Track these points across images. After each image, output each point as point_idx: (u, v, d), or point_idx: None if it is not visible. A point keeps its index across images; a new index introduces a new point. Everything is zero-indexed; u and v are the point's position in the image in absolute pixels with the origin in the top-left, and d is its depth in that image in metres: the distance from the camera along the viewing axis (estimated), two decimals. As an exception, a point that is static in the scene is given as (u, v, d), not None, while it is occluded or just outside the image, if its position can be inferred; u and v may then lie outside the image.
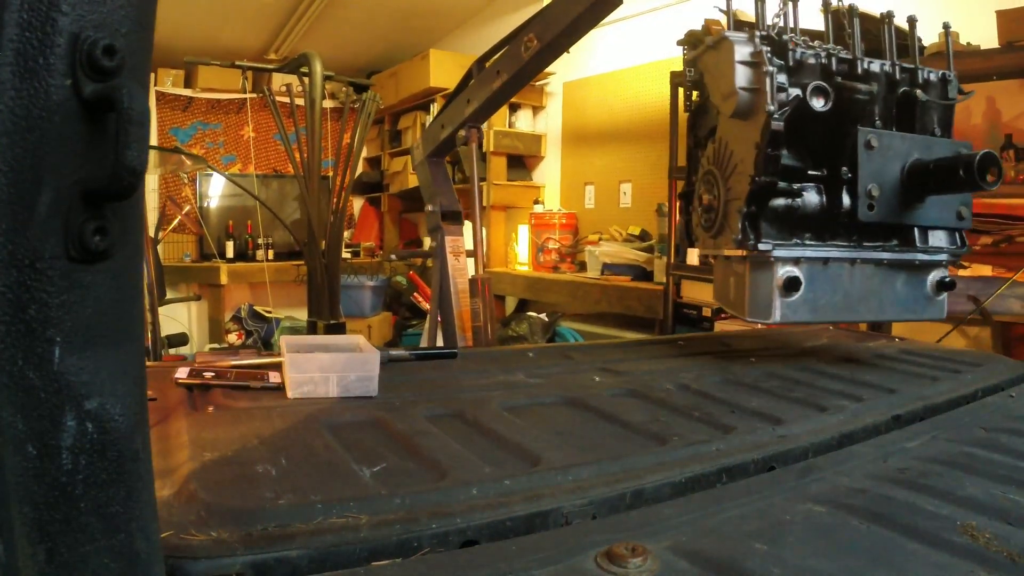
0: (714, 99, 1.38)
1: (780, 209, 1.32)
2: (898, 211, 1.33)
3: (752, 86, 1.26)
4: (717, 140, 1.40)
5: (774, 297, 1.30)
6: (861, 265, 1.36)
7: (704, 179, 1.44)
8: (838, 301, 1.35)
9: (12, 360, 0.39)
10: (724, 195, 1.36)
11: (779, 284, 1.29)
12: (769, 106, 1.23)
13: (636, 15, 4.81)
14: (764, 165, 1.26)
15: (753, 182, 1.27)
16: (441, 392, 1.18)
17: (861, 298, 1.37)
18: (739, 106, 1.28)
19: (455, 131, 2.40)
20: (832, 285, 1.34)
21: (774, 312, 1.30)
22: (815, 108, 1.26)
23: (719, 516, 0.71)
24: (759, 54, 1.26)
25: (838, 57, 1.34)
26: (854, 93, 1.33)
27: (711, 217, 1.40)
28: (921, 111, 1.39)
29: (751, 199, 1.29)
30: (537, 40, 1.96)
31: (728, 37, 1.30)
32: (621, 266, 4.68)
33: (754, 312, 1.32)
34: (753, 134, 1.27)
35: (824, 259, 1.33)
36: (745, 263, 1.34)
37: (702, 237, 1.46)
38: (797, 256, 1.31)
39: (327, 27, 6.04)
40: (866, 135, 1.29)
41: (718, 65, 1.33)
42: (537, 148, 5.91)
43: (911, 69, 1.41)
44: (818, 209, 1.35)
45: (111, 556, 0.43)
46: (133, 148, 0.40)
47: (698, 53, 1.42)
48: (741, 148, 1.31)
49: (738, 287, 1.37)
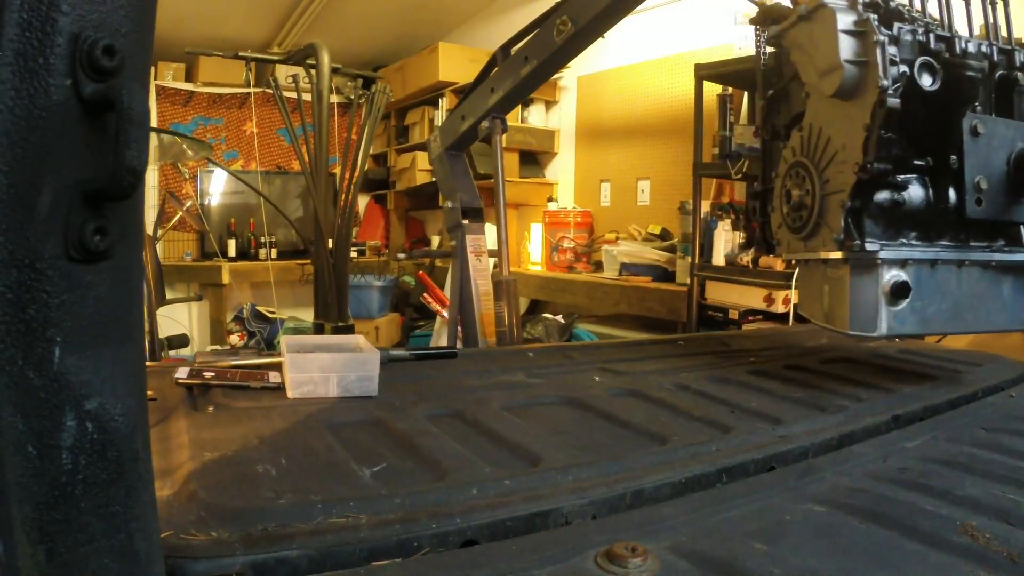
0: (806, 78, 1.23)
1: (884, 204, 1.17)
2: (1006, 206, 1.20)
3: (859, 58, 1.11)
4: (806, 127, 1.25)
5: (880, 306, 1.15)
6: (968, 267, 1.22)
7: (791, 173, 1.29)
8: (946, 310, 1.20)
9: (12, 360, 0.39)
10: (820, 189, 1.21)
11: (886, 290, 1.15)
12: (883, 80, 1.07)
13: (655, 7, 4.71)
14: (876, 150, 1.10)
15: (863, 170, 1.11)
16: (441, 392, 1.18)
17: (969, 306, 1.23)
18: (844, 82, 1.12)
19: (477, 122, 2.27)
20: (940, 291, 1.20)
21: (880, 324, 1.15)
22: (923, 87, 1.12)
23: (719, 516, 0.71)
24: (866, 22, 1.11)
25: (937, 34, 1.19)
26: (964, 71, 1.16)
27: (802, 216, 1.25)
28: (1020, 96, 1.26)
29: (857, 191, 1.14)
30: (571, 23, 1.81)
31: (827, 4, 1.14)
32: (641, 266, 4.60)
33: (856, 324, 1.17)
34: (860, 115, 1.11)
35: (932, 261, 1.19)
36: (845, 267, 1.18)
37: (787, 240, 1.31)
38: (905, 258, 1.16)
39: (332, 20, 6.02)
40: (972, 121, 1.16)
41: (813, 38, 1.18)
42: (550, 144, 5.83)
43: (1008, 50, 1.27)
44: (923, 204, 1.20)
45: (111, 556, 0.43)
46: (133, 148, 0.40)
47: (784, 27, 1.25)
48: (843, 133, 1.16)
49: (835, 296, 1.21)
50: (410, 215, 7.22)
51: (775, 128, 1.46)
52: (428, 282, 5.15)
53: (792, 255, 1.31)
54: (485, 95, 2.22)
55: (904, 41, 1.16)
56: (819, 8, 1.16)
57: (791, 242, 1.30)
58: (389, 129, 7.01)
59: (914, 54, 1.15)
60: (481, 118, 2.25)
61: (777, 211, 1.34)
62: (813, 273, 1.27)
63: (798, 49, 1.24)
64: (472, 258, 2.38)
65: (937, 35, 1.20)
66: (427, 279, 5.20)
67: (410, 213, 7.20)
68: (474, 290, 2.35)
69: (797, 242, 1.28)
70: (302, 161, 3.68)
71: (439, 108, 6.06)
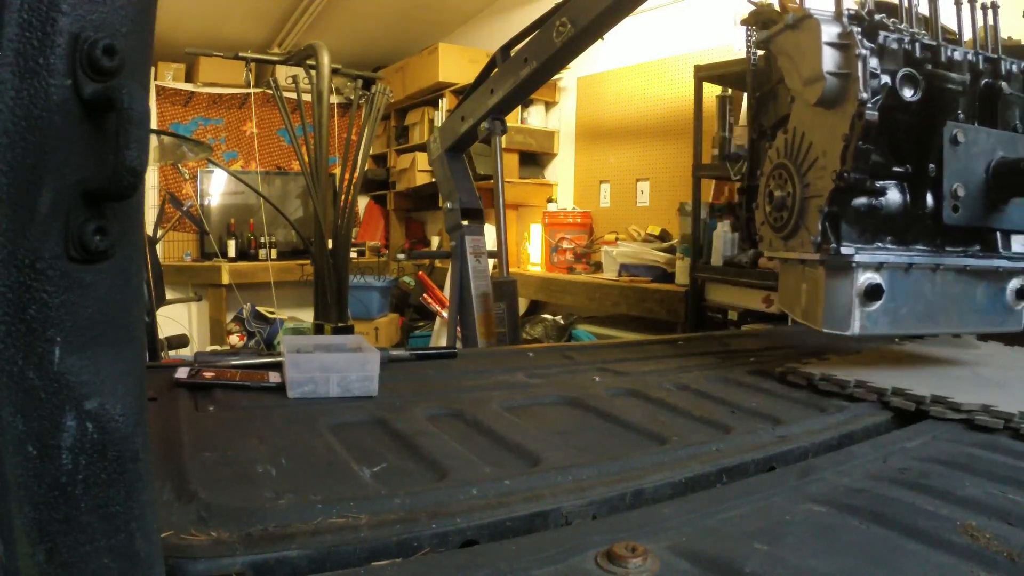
0: (791, 84, 1.25)
1: (862, 209, 1.21)
2: (982, 213, 1.23)
3: (841, 71, 1.13)
4: (790, 131, 1.28)
5: (853, 306, 1.19)
6: (943, 272, 1.25)
7: (774, 173, 1.31)
8: (919, 311, 1.23)
9: (12, 360, 0.39)
10: (800, 192, 1.24)
11: (859, 292, 1.18)
12: (862, 94, 1.10)
13: (654, 8, 4.71)
14: (853, 160, 1.13)
15: (840, 178, 1.15)
16: (441, 392, 1.18)
17: (942, 308, 1.25)
18: (826, 93, 1.14)
19: (477, 123, 2.28)
20: (913, 293, 1.23)
21: (852, 323, 1.19)
22: (905, 98, 1.15)
23: (719, 516, 0.71)
24: (849, 35, 1.13)
25: (922, 43, 1.22)
26: (945, 83, 1.20)
27: (783, 216, 1.28)
28: (1004, 105, 1.28)
29: (835, 196, 1.17)
30: (571, 24, 1.81)
31: (813, 15, 1.16)
32: (640, 267, 4.60)
33: (830, 323, 1.21)
34: (840, 124, 1.14)
35: (907, 265, 1.22)
36: (821, 268, 1.22)
37: (769, 237, 1.34)
38: (880, 261, 1.20)
39: (332, 20, 6.02)
40: (952, 130, 1.18)
41: (799, 47, 1.20)
42: (550, 145, 5.83)
43: (993, 59, 1.29)
44: (900, 209, 1.23)
45: (111, 556, 0.43)
46: (133, 148, 0.40)
47: (772, 33, 1.27)
48: (823, 140, 1.19)
49: (811, 295, 1.25)
50: (410, 216, 7.22)
51: (762, 127, 1.49)
52: (428, 283, 5.14)
53: (773, 253, 1.34)
54: (485, 96, 2.22)
55: (889, 50, 1.19)
56: (805, 18, 1.18)
57: (772, 240, 1.33)
58: (389, 130, 7.01)
59: (899, 63, 1.17)
60: (481, 119, 2.25)
61: (760, 208, 1.37)
62: (792, 271, 1.31)
63: (784, 56, 1.26)
64: (472, 259, 2.38)
65: (923, 43, 1.22)
66: (427, 280, 5.20)
67: (410, 214, 7.20)
68: (474, 291, 2.35)
69: (778, 240, 1.31)
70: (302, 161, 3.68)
71: (439, 109, 6.05)
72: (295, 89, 3.79)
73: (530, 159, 5.92)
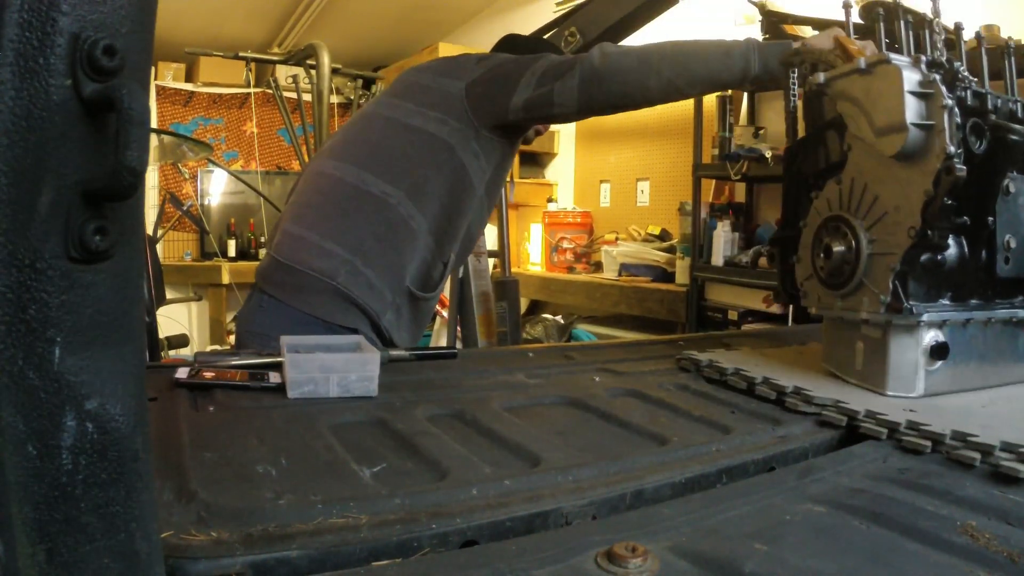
0: (858, 132, 1.19)
1: (928, 265, 1.16)
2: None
3: (925, 121, 1.08)
4: (847, 180, 1.22)
5: (919, 367, 1.14)
6: (993, 324, 1.22)
7: (828, 227, 1.25)
8: (974, 366, 1.20)
9: (12, 360, 0.39)
10: (866, 248, 1.18)
11: (925, 351, 1.13)
12: (949, 147, 1.05)
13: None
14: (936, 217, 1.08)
15: (922, 236, 1.09)
16: (441, 392, 1.18)
17: (993, 361, 1.23)
18: (907, 145, 1.08)
19: None
20: (969, 349, 1.20)
21: (918, 383, 1.14)
22: (973, 150, 1.11)
23: (719, 516, 0.70)
24: (933, 83, 1.07)
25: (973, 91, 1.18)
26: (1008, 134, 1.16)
27: (843, 272, 1.21)
28: None
29: (908, 255, 1.12)
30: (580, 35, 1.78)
31: (893, 61, 1.10)
32: (640, 267, 4.61)
33: (895, 384, 1.15)
34: (920, 179, 1.09)
35: (964, 320, 1.18)
36: (883, 327, 1.16)
37: (818, 294, 1.28)
38: (944, 319, 1.15)
39: (332, 20, 6.02)
40: (1004, 180, 1.15)
41: (871, 94, 1.14)
42: (550, 145, 5.82)
43: None
44: (958, 264, 1.20)
45: (111, 556, 0.43)
46: (133, 148, 0.40)
47: (835, 76, 1.21)
48: (896, 194, 1.13)
49: (871, 355, 1.18)
50: (410, 215, 7.20)
51: (802, 175, 1.39)
52: (428, 282, 5.13)
53: (826, 311, 1.27)
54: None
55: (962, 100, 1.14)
56: (882, 63, 1.12)
57: (823, 296, 1.27)
58: (388, 129, 6.99)
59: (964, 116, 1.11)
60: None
61: (805, 262, 1.30)
62: (844, 330, 1.24)
63: (850, 102, 1.20)
64: (472, 259, 2.37)
65: (973, 91, 1.18)
66: (427, 279, 5.18)
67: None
68: (474, 290, 2.35)
69: (830, 298, 1.25)
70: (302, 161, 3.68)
71: (438, 109, 6.04)
72: (295, 89, 3.80)
73: (530, 159, 5.91)
